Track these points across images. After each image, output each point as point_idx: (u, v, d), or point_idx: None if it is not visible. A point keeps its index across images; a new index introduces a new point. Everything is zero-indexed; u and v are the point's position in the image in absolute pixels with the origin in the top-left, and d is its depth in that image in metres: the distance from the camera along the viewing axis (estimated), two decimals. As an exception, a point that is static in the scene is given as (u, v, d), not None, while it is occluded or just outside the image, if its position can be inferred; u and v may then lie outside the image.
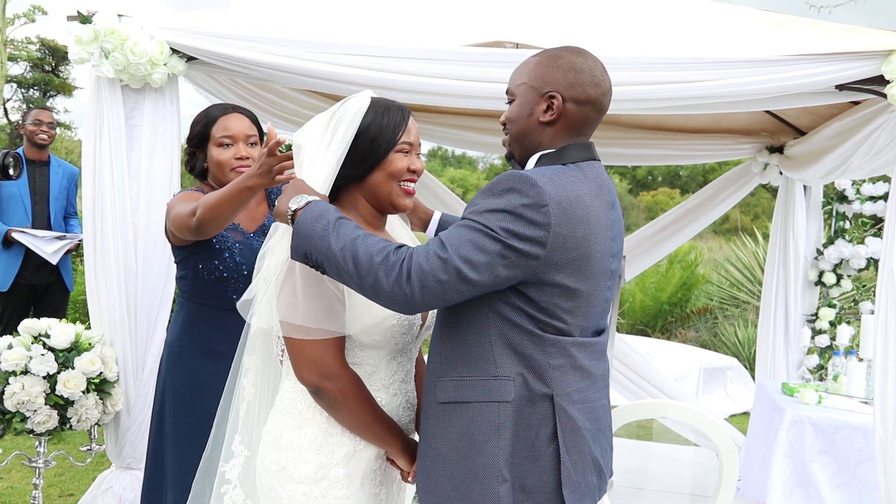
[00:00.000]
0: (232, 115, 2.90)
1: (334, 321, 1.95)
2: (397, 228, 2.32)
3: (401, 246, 1.80)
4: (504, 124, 2.09)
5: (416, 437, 2.18)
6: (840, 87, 3.22)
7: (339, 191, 2.07)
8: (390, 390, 2.10)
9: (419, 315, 2.07)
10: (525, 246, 1.76)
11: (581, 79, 1.96)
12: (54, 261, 5.25)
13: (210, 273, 2.83)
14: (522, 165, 2.05)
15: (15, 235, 5.18)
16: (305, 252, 1.84)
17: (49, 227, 5.39)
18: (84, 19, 3.32)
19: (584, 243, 1.84)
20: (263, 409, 2.15)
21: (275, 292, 1.97)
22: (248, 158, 2.85)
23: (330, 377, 1.95)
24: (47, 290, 5.49)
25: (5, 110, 19.63)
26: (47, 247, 5.23)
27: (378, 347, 2.04)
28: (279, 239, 2.03)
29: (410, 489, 2.50)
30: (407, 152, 2.08)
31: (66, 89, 21.84)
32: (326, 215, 1.84)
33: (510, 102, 2.07)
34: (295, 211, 1.88)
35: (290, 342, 1.97)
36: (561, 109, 1.97)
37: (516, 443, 1.84)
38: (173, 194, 3.12)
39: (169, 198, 3.48)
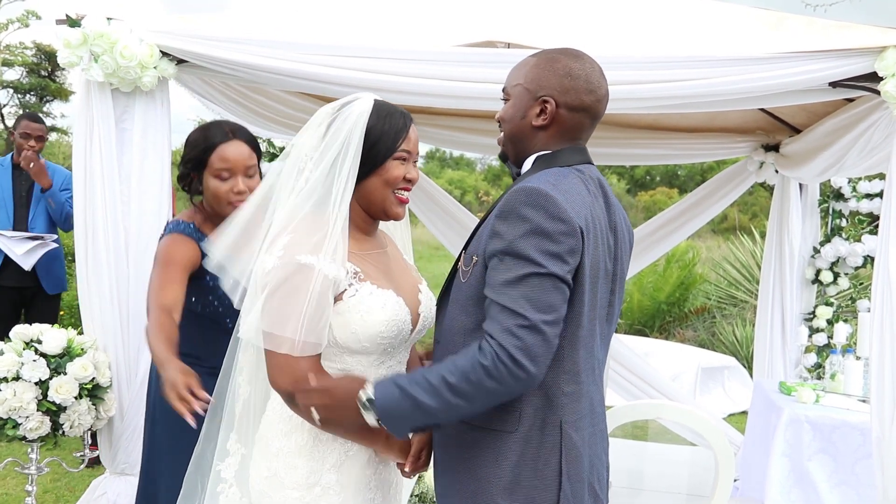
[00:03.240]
0: (232, 143, 2.78)
1: (318, 334, 1.93)
2: (398, 235, 2.33)
3: (480, 346, 1.76)
4: (499, 122, 2.08)
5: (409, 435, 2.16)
6: (833, 85, 3.21)
7: None
8: None
9: (408, 320, 2.06)
10: (569, 260, 1.77)
11: (576, 85, 1.95)
12: (27, 265, 5.15)
13: (204, 308, 2.78)
14: (518, 166, 2.05)
15: None
16: (412, 428, 1.87)
17: (27, 229, 5.31)
18: (73, 23, 3.30)
19: (592, 243, 1.85)
20: (259, 407, 2.14)
21: (261, 304, 1.94)
22: (244, 193, 2.74)
23: (304, 385, 1.91)
24: (35, 297, 5.42)
25: (1, 116, 19.61)
26: (17, 248, 5.10)
27: (366, 353, 2.03)
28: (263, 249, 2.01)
29: (406, 492, 2.48)
30: (405, 160, 2.07)
31: (63, 94, 21.79)
32: (399, 389, 1.81)
33: (505, 101, 2.06)
34: (368, 407, 1.84)
35: (267, 350, 1.95)
36: (554, 114, 1.96)
37: (521, 471, 1.85)
38: (164, 230, 2.88)
39: (161, 202, 3.46)
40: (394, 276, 2.12)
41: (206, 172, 2.77)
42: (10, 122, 19.57)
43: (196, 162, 2.78)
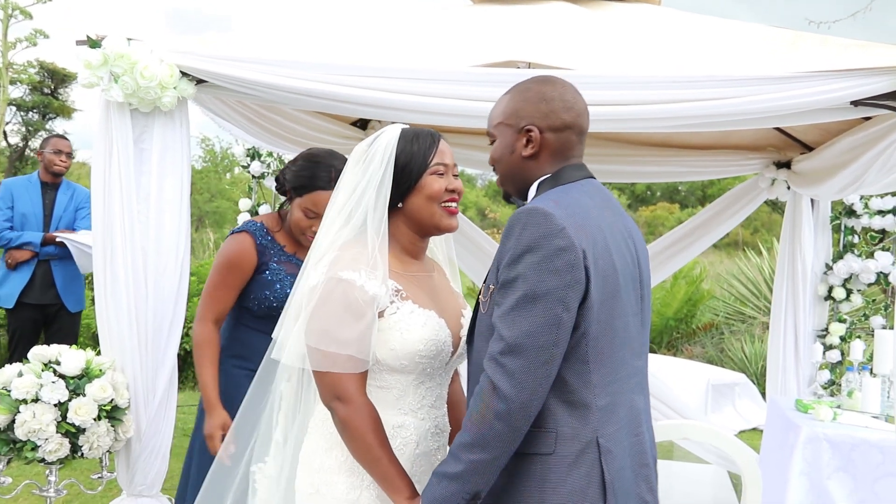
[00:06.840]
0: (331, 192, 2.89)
1: (363, 350, 1.95)
2: (442, 262, 2.34)
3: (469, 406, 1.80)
4: (493, 164, 2.10)
5: None
6: (855, 103, 3.20)
7: None
8: (418, 415, 2.09)
9: (448, 342, 2.07)
10: (567, 276, 1.75)
11: (553, 106, 1.99)
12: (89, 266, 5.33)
13: (260, 304, 3.08)
14: (523, 198, 2.07)
15: (59, 237, 5.46)
16: (473, 498, 1.82)
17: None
18: (94, 44, 3.30)
19: (602, 255, 1.83)
20: (300, 439, 2.17)
21: (304, 323, 1.98)
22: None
23: (343, 399, 1.95)
24: (57, 315, 5.56)
25: (4, 133, 19.64)
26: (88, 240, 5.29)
27: (406, 372, 2.04)
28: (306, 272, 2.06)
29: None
30: (442, 174, 2.11)
31: (66, 112, 21.88)
32: (434, 475, 1.84)
33: (492, 143, 2.09)
34: None
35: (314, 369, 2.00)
36: (540, 140, 1.99)
37: (566, 496, 1.81)
38: (232, 230, 3.22)
39: (179, 222, 3.45)
40: (438, 298, 2.15)
41: (298, 201, 3.05)
42: (13, 140, 19.65)
43: (297, 188, 3.05)
